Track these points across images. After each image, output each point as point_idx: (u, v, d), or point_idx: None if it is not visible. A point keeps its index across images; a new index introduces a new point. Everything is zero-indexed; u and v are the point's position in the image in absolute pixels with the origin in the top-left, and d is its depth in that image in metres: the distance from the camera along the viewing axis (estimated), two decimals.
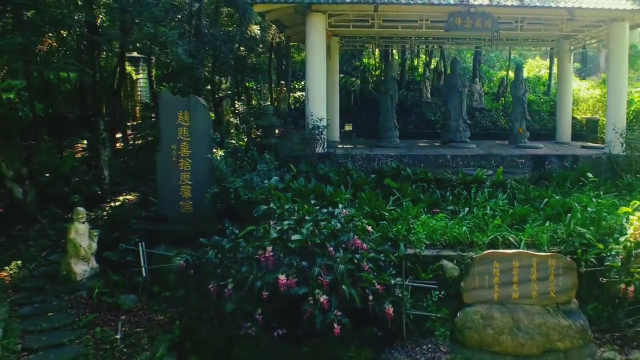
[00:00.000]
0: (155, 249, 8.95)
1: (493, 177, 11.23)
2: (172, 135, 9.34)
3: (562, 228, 8.78)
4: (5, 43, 9.25)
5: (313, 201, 8.56)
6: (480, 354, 7.18)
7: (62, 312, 7.92)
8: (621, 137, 12.69)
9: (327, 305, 6.84)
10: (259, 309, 7.25)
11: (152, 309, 8.27)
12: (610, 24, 13.20)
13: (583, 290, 8.16)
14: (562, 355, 7.17)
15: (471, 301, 7.37)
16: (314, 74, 12.50)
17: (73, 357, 6.97)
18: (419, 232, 8.44)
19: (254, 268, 7.30)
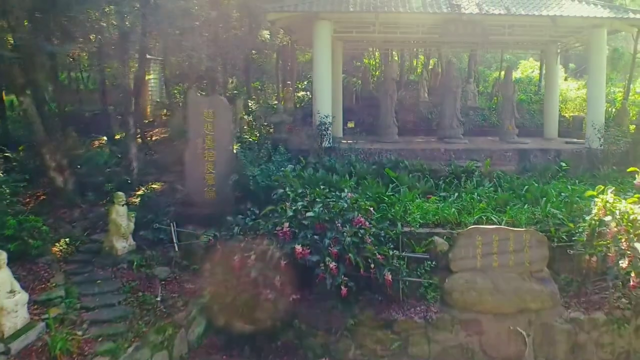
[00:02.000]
0: (184, 229, 10.25)
1: (482, 168, 12.54)
2: (198, 130, 10.65)
3: (538, 210, 10.11)
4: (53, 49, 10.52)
5: (322, 187, 9.88)
6: (465, 312, 8.51)
7: (108, 280, 9.21)
8: (599, 133, 13.99)
9: (335, 271, 8.16)
10: (278, 276, 8.57)
11: (184, 279, 9.55)
12: (590, 30, 14.51)
13: (556, 264, 9.50)
14: (534, 314, 8.51)
15: (458, 269, 8.70)
16: (320, 76, 13.81)
17: (122, 314, 8.27)
18: (414, 213, 9.76)
19: (273, 241, 8.63)
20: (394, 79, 17.06)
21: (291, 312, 8.78)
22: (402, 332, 8.49)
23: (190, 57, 13.84)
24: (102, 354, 7.35)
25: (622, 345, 8.61)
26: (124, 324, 8.06)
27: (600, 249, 8.74)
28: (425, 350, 8.46)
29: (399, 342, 8.47)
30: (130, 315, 8.27)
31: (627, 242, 8.54)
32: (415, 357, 8.45)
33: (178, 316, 8.57)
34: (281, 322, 8.82)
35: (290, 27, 16.02)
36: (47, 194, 11.68)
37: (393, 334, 8.50)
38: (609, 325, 8.58)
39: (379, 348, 8.51)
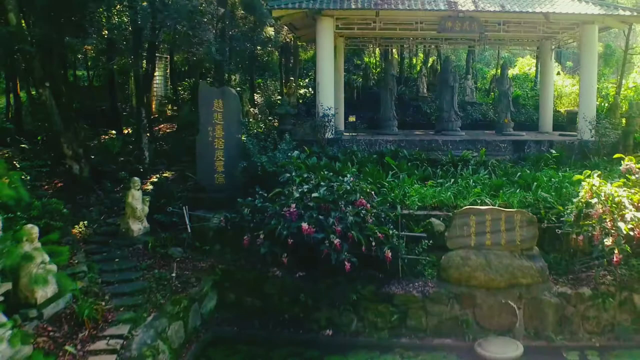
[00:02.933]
0: (196, 212, 10.86)
1: (477, 157, 13.15)
2: (208, 119, 11.26)
3: (530, 195, 10.72)
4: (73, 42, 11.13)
5: (326, 172, 10.50)
6: (460, 287, 9.11)
7: (125, 259, 9.83)
8: (590, 125, 14.59)
9: (339, 247, 8.77)
10: (285, 253, 9.19)
11: (196, 258, 10.16)
12: (582, 27, 15.11)
13: (546, 244, 10.12)
14: (524, 289, 9.10)
15: (453, 247, 9.30)
16: (323, 70, 14.42)
17: (140, 288, 8.88)
18: (413, 197, 10.38)
19: (281, 221, 9.24)
20: (394, 75, 17.70)
21: (297, 288, 9.39)
22: (401, 305, 9.09)
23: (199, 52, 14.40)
24: (124, 321, 7.97)
25: (606, 319, 9.17)
26: (143, 297, 8.68)
27: (586, 229, 9.34)
28: (423, 323, 9.05)
29: (398, 315, 9.07)
30: (148, 290, 8.89)
31: (612, 222, 9.16)
32: (413, 329, 9.04)
33: (192, 291, 9.19)
34: (288, 298, 9.43)
35: (294, 24, 16.62)
36: (64, 182, 12.29)
37: (392, 307, 9.10)
38: (595, 300, 9.15)
39: (379, 321, 9.11)
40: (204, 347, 8.83)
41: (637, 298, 9.34)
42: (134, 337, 7.67)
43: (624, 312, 9.29)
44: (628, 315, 9.28)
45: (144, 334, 7.78)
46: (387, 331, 9.06)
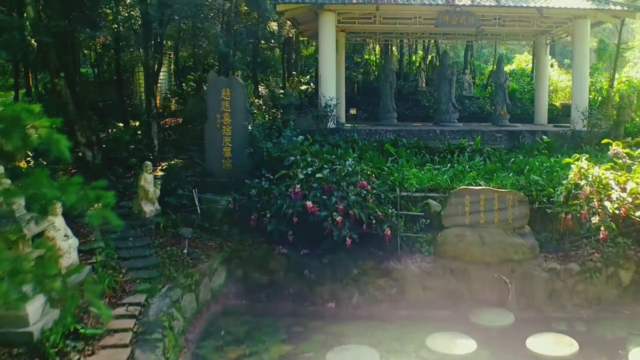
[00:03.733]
0: (204, 195, 11.41)
1: (473, 145, 13.70)
2: (216, 108, 11.81)
3: (522, 178, 11.27)
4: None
5: (328, 157, 11.05)
6: (455, 262, 9.67)
7: (139, 238, 10.38)
8: (583, 116, 15.13)
9: (342, 224, 9.33)
10: (290, 231, 9.74)
11: (205, 238, 10.70)
12: (575, 21, 15.65)
13: (537, 224, 10.67)
14: (516, 264, 9.65)
15: (449, 224, 9.85)
16: (325, 62, 14.97)
17: (154, 263, 9.44)
18: (411, 179, 10.92)
19: (286, 201, 9.79)
20: (393, 70, 18.25)
21: (302, 264, 9.95)
22: (399, 279, 9.64)
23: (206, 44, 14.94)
24: (140, 291, 8.53)
25: (593, 292, 9.73)
26: (157, 271, 9.24)
27: (575, 208, 9.90)
28: (421, 296, 9.61)
29: (397, 288, 9.63)
30: (161, 264, 9.45)
31: (599, 201, 9.72)
32: (411, 301, 9.58)
33: (202, 266, 9.75)
34: (293, 273, 10.00)
35: (297, 19, 17.16)
36: (78, 168, 12.81)
37: (392, 281, 9.66)
38: (583, 275, 9.70)
39: (379, 294, 9.66)
40: (215, 318, 9.38)
41: (623, 273, 9.91)
42: (150, 305, 8.23)
43: (610, 287, 9.85)
44: (614, 289, 9.85)
45: (160, 302, 8.35)
46: (387, 304, 9.61)
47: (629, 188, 9.72)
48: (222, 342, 8.57)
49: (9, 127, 3.51)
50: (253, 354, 8.21)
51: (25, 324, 6.73)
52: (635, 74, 19.93)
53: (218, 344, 8.54)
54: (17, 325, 6.66)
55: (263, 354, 8.18)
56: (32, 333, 6.71)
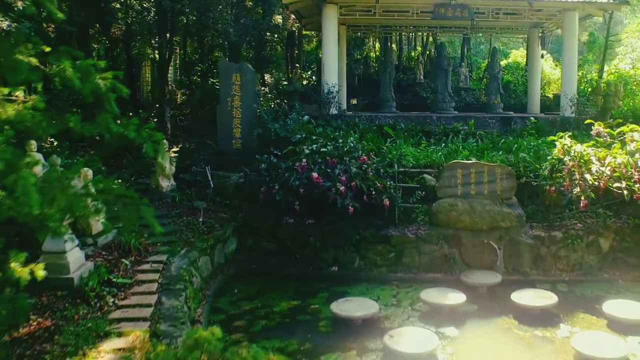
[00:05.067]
0: (216, 172, 12.29)
1: (467, 129, 14.58)
2: (228, 91, 12.70)
3: (511, 157, 12.15)
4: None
5: (332, 135, 11.94)
6: (448, 229, 10.55)
7: (157, 210, 11.21)
8: (571, 102, 16.02)
9: (344, 193, 10.20)
10: (297, 202, 10.62)
11: (218, 210, 11.60)
12: (564, 13, 16.52)
13: (525, 198, 11.53)
14: (504, 231, 10.53)
15: (442, 195, 10.74)
16: (328, 52, 15.83)
17: (173, 230, 10.33)
18: (408, 156, 11.81)
19: (293, 173, 10.67)
20: (392, 61, 19.11)
21: (307, 233, 10.84)
22: (397, 245, 10.53)
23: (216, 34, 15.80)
24: (162, 252, 9.44)
25: (575, 258, 10.60)
26: (175, 236, 10.14)
27: (558, 181, 10.78)
28: (416, 260, 10.48)
29: (395, 253, 10.51)
30: (179, 231, 10.36)
31: (580, 174, 10.60)
32: (407, 265, 10.47)
33: (216, 234, 10.64)
34: (299, 241, 10.87)
35: (300, 12, 18.02)
36: (96, 149, 13.72)
37: (390, 247, 10.54)
38: (565, 242, 10.57)
39: (378, 259, 10.54)
40: (227, 280, 10.26)
41: (602, 241, 10.78)
42: (171, 263, 9.12)
43: (591, 253, 10.72)
44: (594, 256, 10.72)
45: (180, 261, 9.24)
46: (385, 267, 10.49)
47: (607, 162, 10.61)
48: (235, 299, 9.45)
49: (84, 76, 4.39)
50: (264, 307, 9.08)
51: (67, 272, 7.61)
52: (624, 66, 20.79)
53: (232, 299, 9.42)
54: (60, 272, 7.54)
55: (274, 307, 9.05)
56: (72, 279, 7.59)
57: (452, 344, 7.72)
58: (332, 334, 8.10)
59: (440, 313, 8.59)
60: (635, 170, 10.59)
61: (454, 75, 21.88)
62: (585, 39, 23.63)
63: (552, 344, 7.78)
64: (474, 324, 8.42)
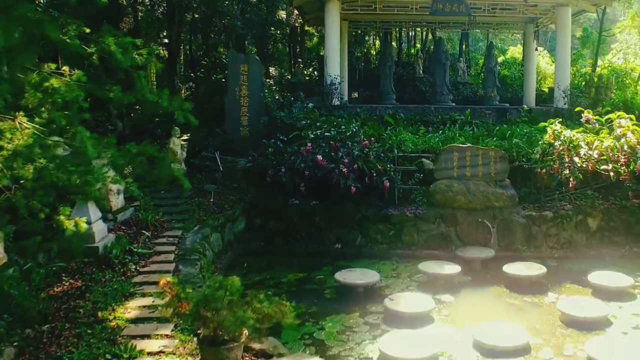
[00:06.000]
0: (225, 157, 12.94)
1: (464, 119, 15.23)
2: (235, 81, 13.36)
3: (505, 142, 12.79)
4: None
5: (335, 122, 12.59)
6: (445, 209, 11.19)
7: (169, 191, 11.89)
8: (564, 94, 16.66)
9: (347, 175, 10.85)
10: (302, 183, 11.26)
11: (227, 193, 12.25)
12: (557, 9, 17.17)
13: (518, 182, 12.17)
14: (498, 211, 11.17)
15: (439, 177, 11.38)
16: (330, 45, 16.47)
17: (185, 209, 11.00)
18: (407, 141, 12.45)
19: (299, 157, 11.32)
20: (392, 55, 19.77)
21: (312, 213, 11.47)
22: (397, 224, 11.17)
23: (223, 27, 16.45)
24: (176, 228, 10.11)
25: (565, 236, 11.23)
26: (188, 215, 10.80)
27: (548, 164, 11.43)
28: (415, 238, 11.13)
29: (394, 232, 11.15)
30: (191, 210, 11.04)
31: (569, 157, 11.26)
32: (406, 243, 11.11)
33: (226, 213, 11.29)
34: (304, 221, 11.50)
35: (304, 7, 18.68)
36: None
37: (390, 225, 11.18)
38: (555, 221, 11.20)
39: (379, 237, 11.18)
40: (237, 255, 10.90)
41: (590, 220, 11.42)
42: (186, 237, 9.77)
43: (579, 232, 11.36)
44: (582, 234, 11.35)
45: (194, 236, 9.88)
46: (386, 245, 11.13)
47: (595, 145, 11.27)
48: (245, 271, 10.08)
49: (124, 51, 5.05)
50: (273, 278, 9.73)
51: (93, 241, 8.27)
52: (616, 60, 21.44)
53: (242, 272, 10.01)
54: (87, 241, 8.18)
55: (282, 278, 9.71)
56: (97, 247, 8.24)
57: (447, 307, 8.36)
58: (336, 300, 8.75)
59: (437, 282, 9.23)
60: (621, 154, 11.26)
61: (452, 71, 22.55)
62: (580, 34, 24.27)
63: (540, 308, 8.43)
64: (468, 292, 9.07)
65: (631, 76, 19.80)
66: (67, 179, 5.41)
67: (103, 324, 6.44)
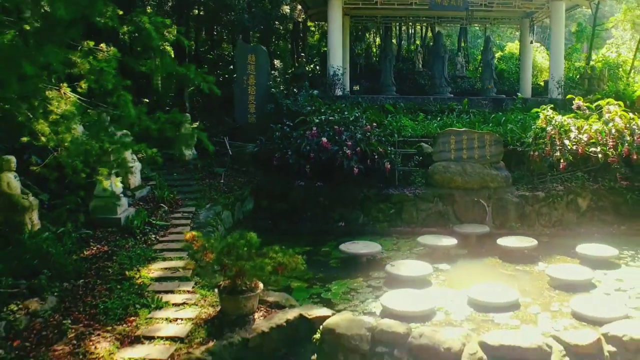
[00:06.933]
0: (234, 142, 13.59)
1: (461, 108, 15.89)
2: (243, 70, 14.01)
3: (500, 128, 13.45)
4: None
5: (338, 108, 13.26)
6: (442, 189, 11.84)
7: (182, 174, 12.56)
8: (558, 85, 17.32)
9: (350, 156, 11.50)
10: (308, 165, 11.91)
11: (236, 175, 12.90)
12: (551, 3, 17.84)
13: (513, 165, 12.81)
14: (492, 191, 11.82)
15: (437, 159, 12.04)
16: (333, 38, 17.15)
17: (197, 189, 11.65)
18: (407, 127, 13.11)
19: (305, 140, 11.97)
20: (393, 48, 20.41)
21: (317, 194, 12.11)
22: (397, 203, 11.81)
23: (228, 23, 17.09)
24: (190, 205, 10.75)
25: (556, 215, 11.87)
26: (200, 194, 11.44)
27: (540, 147, 12.10)
28: (414, 216, 11.77)
29: (395, 210, 11.80)
30: (203, 190, 11.67)
31: (559, 140, 11.93)
32: (406, 221, 11.76)
33: (236, 193, 11.94)
34: (309, 201, 12.14)
35: (307, 2, 19.37)
36: None
37: (391, 204, 11.82)
38: (547, 200, 11.84)
39: (380, 215, 11.83)
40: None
41: (580, 200, 12.05)
42: (199, 213, 10.42)
43: (570, 211, 11.99)
44: (573, 214, 11.99)
45: (206, 212, 10.53)
46: (387, 223, 11.77)
47: (584, 129, 11.93)
48: None
49: (157, 29, 5.70)
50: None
51: (115, 213, 8.92)
52: (610, 54, 22.10)
53: None
54: (110, 213, 8.84)
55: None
56: (120, 219, 8.90)
57: (444, 274, 9.02)
58: (341, 268, 9.41)
59: (434, 254, 9.88)
60: (609, 137, 11.94)
61: (451, 65, 23.21)
62: (575, 29, 24.93)
63: (530, 275, 9.08)
64: (464, 262, 9.72)
65: (624, 68, 20.45)
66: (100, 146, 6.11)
67: (130, 281, 7.10)
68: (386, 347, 5.96)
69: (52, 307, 6.16)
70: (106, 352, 5.49)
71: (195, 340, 5.82)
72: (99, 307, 6.31)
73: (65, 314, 6.11)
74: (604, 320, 6.57)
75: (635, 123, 12.12)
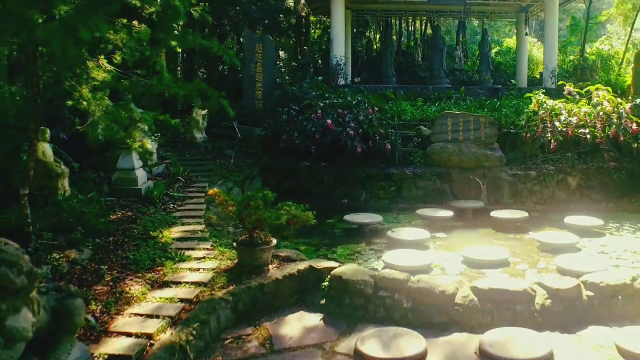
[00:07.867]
0: (242, 126, 14.31)
1: (459, 96, 16.61)
2: (251, 59, 14.74)
3: (495, 113, 14.17)
4: None
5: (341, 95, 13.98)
6: (440, 168, 12.56)
7: (193, 155, 13.29)
8: (551, 74, 18.05)
9: (353, 136, 12.22)
10: (313, 146, 12.62)
11: (245, 157, 13.62)
12: None
13: (507, 148, 13.52)
14: (487, 170, 12.54)
15: (435, 140, 12.76)
16: (336, 30, 17.86)
17: (209, 168, 12.38)
18: (407, 112, 13.84)
19: (310, 122, 12.69)
20: (393, 41, 21.14)
21: (322, 173, 12.81)
22: (397, 181, 12.54)
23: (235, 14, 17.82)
24: (203, 182, 11.46)
25: (547, 193, 12.58)
26: (212, 172, 12.16)
27: (532, 129, 12.82)
28: (414, 193, 12.49)
29: (395, 188, 12.52)
30: (215, 169, 12.40)
31: (550, 122, 12.65)
32: (406, 197, 12.48)
33: (245, 172, 12.67)
34: (315, 180, 12.85)
35: None
36: None
37: (391, 182, 12.54)
38: (539, 179, 12.55)
39: (381, 192, 12.54)
40: None
41: (570, 179, 12.77)
42: (212, 188, 11.11)
43: (560, 189, 12.71)
44: (563, 192, 12.71)
45: (219, 187, 11.18)
46: (387, 200, 12.49)
47: (573, 112, 12.65)
48: None
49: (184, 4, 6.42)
50: None
51: (136, 184, 9.65)
52: (603, 46, 22.85)
53: None
54: (131, 184, 9.57)
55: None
56: (140, 189, 9.62)
57: (441, 240, 9.73)
58: (345, 236, 10.13)
59: (432, 224, 10.59)
60: (597, 119, 12.66)
61: (449, 58, 23.95)
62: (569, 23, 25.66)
63: (520, 241, 9.79)
64: (459, 232, 10.43)
65: (616, 60, 21.18)
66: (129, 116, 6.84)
67: (155, 240, 7.81)
68: (387, 291, 6.65)
69: (88, 257, 6.88)
70: (139, 292, 6.20)
71: (216, 285, 6.53)
72: (129, 258, 7.02)
73: (100, 263, 6.83)
74: (585, 273, 7.25)
75: (622, 107, 12.84)
